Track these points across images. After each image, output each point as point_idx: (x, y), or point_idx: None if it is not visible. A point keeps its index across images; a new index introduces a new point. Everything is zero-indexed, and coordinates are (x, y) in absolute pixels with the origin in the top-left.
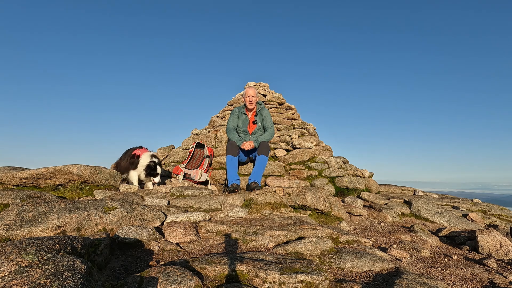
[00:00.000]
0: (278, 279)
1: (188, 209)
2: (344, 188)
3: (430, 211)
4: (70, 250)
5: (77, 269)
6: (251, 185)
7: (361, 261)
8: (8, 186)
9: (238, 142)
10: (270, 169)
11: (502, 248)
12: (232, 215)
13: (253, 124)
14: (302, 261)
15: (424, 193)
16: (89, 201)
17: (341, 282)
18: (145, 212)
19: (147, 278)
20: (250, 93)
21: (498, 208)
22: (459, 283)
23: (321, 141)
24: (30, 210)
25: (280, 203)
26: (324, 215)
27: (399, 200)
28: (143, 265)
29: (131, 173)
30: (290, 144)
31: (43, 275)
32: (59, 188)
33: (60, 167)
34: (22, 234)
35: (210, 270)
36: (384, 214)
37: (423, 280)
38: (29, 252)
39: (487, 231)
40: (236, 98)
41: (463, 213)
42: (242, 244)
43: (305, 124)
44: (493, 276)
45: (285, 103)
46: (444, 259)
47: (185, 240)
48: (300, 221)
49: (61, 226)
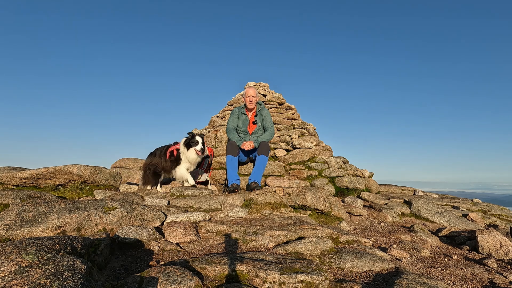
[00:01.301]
0: (278, 279)
1: (188, 209)
2: (344, 188)
3: (430, 211)
4: (70, 250)
5: (77, 269)
6: (251, 185)
7: (361, 261)
8: (8, 186)
9: (238, 142)
10: (270, 169)
11: (502, 248)
12: (232, 215)
13: (253, 124)
14: (302, 261)
15: (424, 193)
16: (89, 201)
17: (341, 282)
18: (145, 212)
19: (147, 278)
20: (250, 93)
21: (498, 208)
22: (459, 283)
23: (321, 141)
24: (30, 210)
25: (280, 203)
26: (324, 215)
27: (399, 200)
28: (143, 265)
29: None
30: (290, 144)
31: (43, 275)
32: (59, 188)
33: (60, 167)
34: (22, 234)
35: (210, 270)
36: (384, 214)
37: (423, 280)
38: (29, 252)
39: (487, 231)
40: (236, 98)
41: (463, 213)
42: (242, 244)
43: (305, 124)
44: (493, 276)
45: (285, 103)
46: (444, 259)
47: (185, 240)
48: (300, 221)
49: (61, 226)
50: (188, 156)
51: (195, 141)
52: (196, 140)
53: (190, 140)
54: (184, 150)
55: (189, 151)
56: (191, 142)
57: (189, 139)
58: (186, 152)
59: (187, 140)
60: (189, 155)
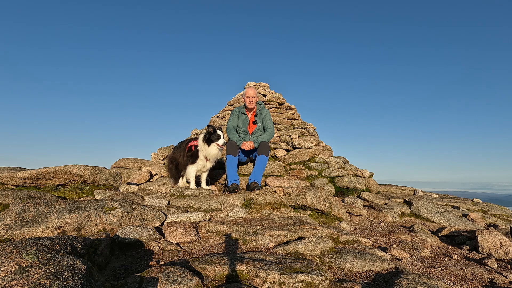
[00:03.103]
0: (278, 279)
1: (188, 209)
2: (344, 188)
3: (430, 211)
4: (70, 250)
5: (77, 269)
6: (251, 185)
7: (361, 261)
8: (8, 186)
9: (238, 142)
10: (270, 169)
11: (502, 248)
12: (232, 215)
13: (253, 124)
14: (302, 261)
15: (424, 193)
16: (89, 201)
17: (341, 282)
18: (145, 212)
19: (147, 278)
20: (250, 93)
21: (498, 207)
22: (459, 283)
23: (321, 141)
24: (30, 211)
25: (280, 203)
26: (324, 215)
27: (399, 200)
28: (143, 265)
29: (188, 168)
30: (290, 144)
31: (43, 275)
32: (59, 188)
33: (60, 167)
34: (22, 235)
35: (210, 270)
36: (384, 214)
37: (423, 280)
38: (29, 252)
39: (487, 231)
40: (236, 98)
41: (463, 213)
42: (242, 244)
43: (305, 124)
44: (493, 276)
45: (285, 103)
46: (444, 259)
47: (185, 240)
48: (300, 221)
49: (61, 226)
50: (208, 152)
51: (216, 135)
52: (218, 134)
53: (212, 134)
54: (205, 146)
55: (210, 147)
56: (212, 136)
57: (210, 133)
58: (207, 148)
59: (207, 135)
60: (209, 151)
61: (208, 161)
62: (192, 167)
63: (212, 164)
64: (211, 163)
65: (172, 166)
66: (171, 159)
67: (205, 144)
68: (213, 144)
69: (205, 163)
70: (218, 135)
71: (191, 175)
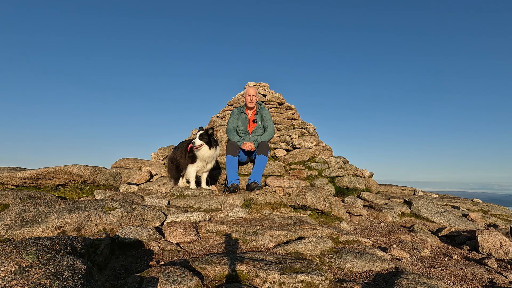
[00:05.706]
0: (278, 279)
1: (188, 209)
2: (344, 188)
3: (430, 211)
4: (70, 250)
5: (77, 269)
6: (251, 185)
7: (361, 261)
8: (8, 186)
9: (238, 143)
10: (270, 169)
11: (502, 248)
12: (232, 215)
13: (253, 123)
14: (302, 261)
15: (424, 193)
16: (89, 201)
17: (341, 282)
18: (145, 212)
19: (147, 278)
20: (250, 92)
21: (498, 207)
22: (459, 283)
23: (321, 141)
24: (30, 211)
25: (280, 203)
26: (324, 215)
27: (399, 200)
28: (143, 265)
29: (189, 168)
30: (290, 144)
31: (43, 275)
32: (59, 188)
33: (60, 167)
34: (22, 235)
35: (210, 270)
36: (384, 214)
37: (423, 280)
38: (29, 252)
39: (487, 231)
40: (236, 98)
41: (463, 213)
42: (242, 244)
43: (305, 124)
44: (493, 276)
45: (285, 103)
46: (444, 259)
47: (185, 240)
48: (300, 221)
49: (61, 226)
50: (199, 154)
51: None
52: (198, 134)
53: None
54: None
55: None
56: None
57: (210, 133)
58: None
59: (208, 132)
60: (200, 153)
61: (205, 162)
62: (192, 167)
63: (213, 164)
64: (211, 164)
65: (172, 166)
66: (171, 159)
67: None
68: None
69: (205, 164)
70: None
71: (191, 175)
